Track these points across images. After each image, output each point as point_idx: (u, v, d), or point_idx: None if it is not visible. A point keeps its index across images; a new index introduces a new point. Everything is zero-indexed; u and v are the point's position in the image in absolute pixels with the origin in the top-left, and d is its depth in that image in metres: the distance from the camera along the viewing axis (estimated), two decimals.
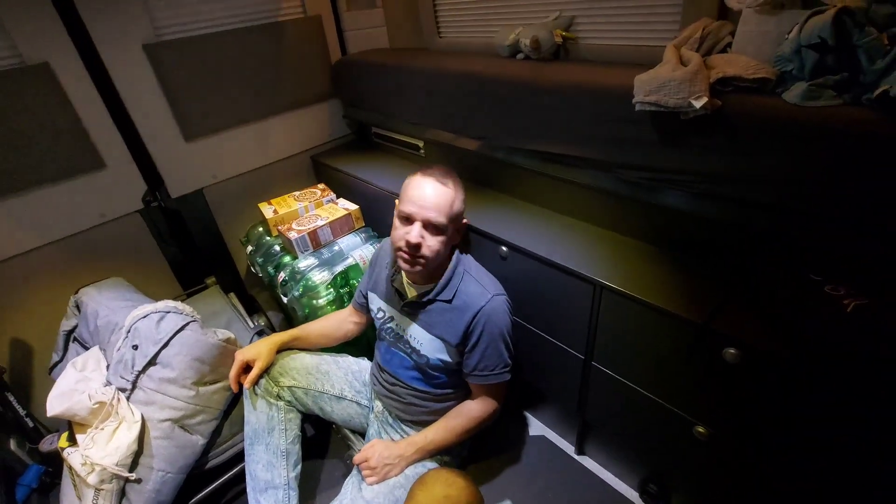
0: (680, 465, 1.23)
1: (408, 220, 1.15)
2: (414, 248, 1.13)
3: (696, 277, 1.10)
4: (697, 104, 0.89)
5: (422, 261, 1.15)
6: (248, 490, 1.31)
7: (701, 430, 1.08)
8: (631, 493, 1.46)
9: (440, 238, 1.15)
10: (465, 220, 1.24)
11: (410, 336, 1.29)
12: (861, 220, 0.84)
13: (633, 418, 1.26)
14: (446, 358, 1.25)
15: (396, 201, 1.25)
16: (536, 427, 1.71)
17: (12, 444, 1.49)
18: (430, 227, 1.13)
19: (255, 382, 1.31)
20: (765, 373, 0.91)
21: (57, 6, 1.45)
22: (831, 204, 0.86)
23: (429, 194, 1.13)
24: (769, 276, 0.98)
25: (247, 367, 1.33)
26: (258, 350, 1.34)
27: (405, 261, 1.16)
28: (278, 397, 1.35)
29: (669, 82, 0.93)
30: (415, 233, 1.12)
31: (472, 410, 1.30)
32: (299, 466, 1.37)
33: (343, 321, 1.52)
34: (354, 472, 1.31)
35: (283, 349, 1.41)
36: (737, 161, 0.95)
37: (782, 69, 0.90)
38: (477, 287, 1.20)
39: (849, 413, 0.83)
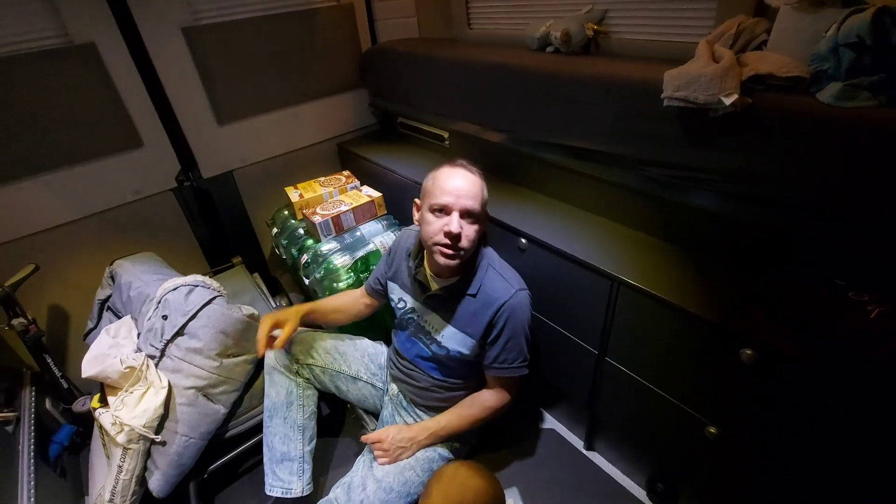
0: (689, 465, 1.22)
1: (442, 211, 1.13)
2: (455, 239, 1.11)
3: (716, 278, 1.09)
4: (727, 101, 0.88)
5: (462, 252, 1.14)
6: (264, 460, 1.37)
7: (712, 430, 1.08)
8: (638, 491, 1.46)
9: (476, 227, 1.15)
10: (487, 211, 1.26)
11: (432, 328, 1.31)
12: (891, 226, 0.82)
13: (644, 416, 1.26)
14: (465, 351, 1.26)
15: (417, 201, 1.26)
16: (547, 420, 1.73)
17: (48, 404, 1.58)
18: (466, 216, 1.13)
19: (283, 346, 1.33)
20: (781, 375, 0.90)
21: None
22: (861, 207, 0.85)
23: (462, 184, 1.13)
24: (792, 279, 0.96)
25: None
26: (287, 314, 1.36)
27: (446, 255, 1.14)
28: (297, 374, 1.39)
29: (700, 78, 0.93)
30: (455, 223, 1.11)
31: (486, 400, 1.32)
32: (314, 442, 1.41)
33: (356, 301, 1.53)
34: (366, 450, 1.35)
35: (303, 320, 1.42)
36: (765, 161, 0.93)
37: (818, 68, 0.89)
38: (501, 281, 1.21)
39: (864, 420, 0.82)
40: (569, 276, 1.27)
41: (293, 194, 1.93)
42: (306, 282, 1.77)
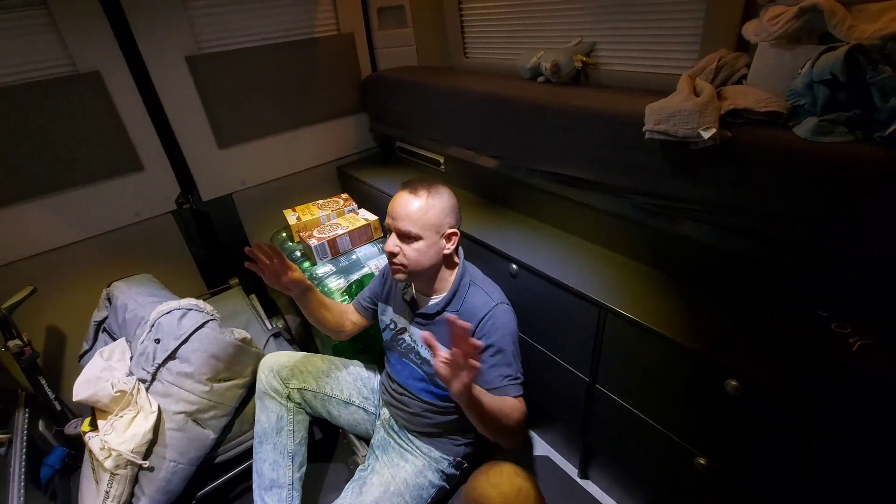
0: (680, 497, 1.20)
1: (389, 231, 1.24)
2: (391, 256, 1.21)
3: (703, 307, 1.09)
4: (706, 135, 0.90)
5: (401, 268, 1.21)
6: (253, 487, 1.36)
7: (702, 461, 1.06)
8: None
9: (415, 246, 1.19)
10: (453, 230, 1.22)
11: (422, 347, 1.31)
12: (869, 259, 0.83)
13: (635, 445, 1.25)
14: None
15: None
16: (541, 447, 1.71)
17: (41, 426, 1.58)
18: (403, 236, 1.19)
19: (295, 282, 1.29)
20: (767, 408, 0.90)
21: (110, 19, 1.57)
22: (840, 240, 0.85)
23: (399, 205, 1.20)
24: (776, 310, 0.96)
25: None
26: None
27: (392, 269, 1.24)
28: (289, 398, 1.39)
29: (680, 112, 0.95)
30: (390, 242, 1.21)
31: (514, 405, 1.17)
32: (304, 468, 1.41)
33: (343, 312, 1.47)
34: (356, 475, 1.33)
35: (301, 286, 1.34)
36: (746, 192, 0.95)
37: (795, 103, 0.91)
38: (482, 296, 1.23)
39: (848, 453, 0.81)
40: (559, 302, 1.27)
41: (291, 217, 1.96)
42: None
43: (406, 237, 1.19)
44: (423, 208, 1.19)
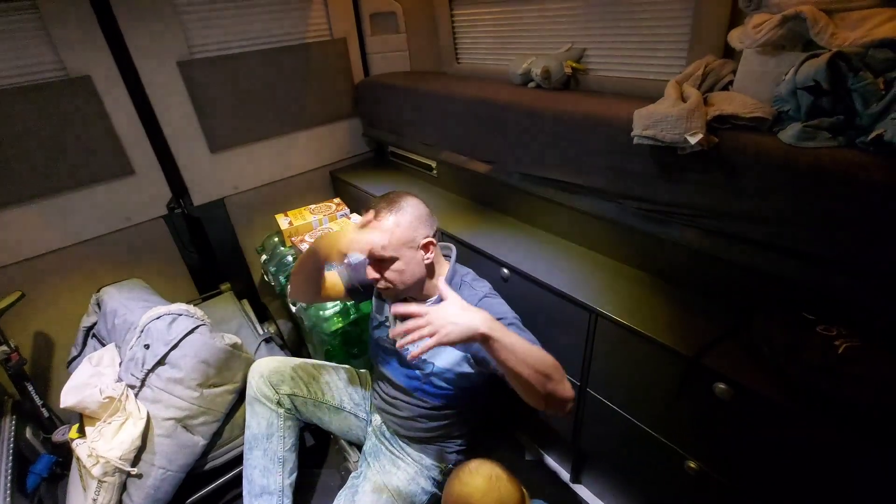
0: (672, 500, 1.20)
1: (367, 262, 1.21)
2: (375, 282, 1.20)
3: (691, 310, 1.10)
4: (693, 140, 0.91)
5: (387, 287, 1.20)
6: (244, 494, 1.34)
7: (692, 465, 1.07)
8: None
9: (394, 267, 1.17)
10: (428, 239, 1.19)
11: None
12: (853, 262, 0.84)
13: (627, 449, 1.25)
14: (456, 367, 1.24)
15: None
16: (533, 451, 1.70)
17: (28, 433, 1.56)
18: (377, 262, 1.17)
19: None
20: (755, 410, 0.90)
21: (101, 24, 1.57)
22: (824, 243, 0.86)
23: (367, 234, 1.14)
24: (763, 313, 0.97)
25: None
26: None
27: (379, 290, 1.23)
28: (279, 404, 1.39)
29: (667, 118, 0.96)
30: (370, 271, 1.19)
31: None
32: (295, 474, 1.39)
33: (331, 281, 1.41)
34: (348, 482, 1.32)
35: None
36: (732, 197, 0.96)
37: (779, 109, 0.92)
38: (469, 290, 1.21)
39: (835, 454, 0.82)
40: (549, 306, 1.28)
41: (283, 221, 1.96)
42: (293, 309, 1.77)
43: (381, 262, 1.17)
44: (390, 228, 1.15)
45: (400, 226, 1.17)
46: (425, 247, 1.21)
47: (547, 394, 0.94)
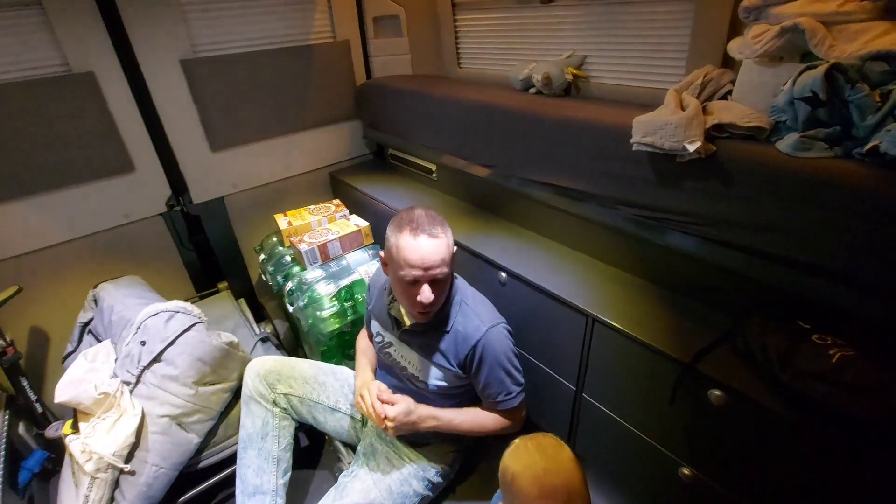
0: None
1: (415, 282, 1.11)
2: (428, 306, 1.12)
3: (688, 317, 1.11)
4: (691, 148, 0.92)
5: (435, 309, 1.17)
6: (236, 493, 1.34)
7: (686, 471, 1.07)
8: None
9: (446, 284, 1.17)
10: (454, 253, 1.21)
11: (409, 363, 1.31)
12: (847, 271, 0.85)
13: (622, 455, 1.25)
14: (443, 383, 1.26)
15: (382, 254, 1.20)
16: None
17: (21, 428, 1.55)
18: (435, 282, 1.12)
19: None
20: (749, 417, 0.91)
21: (105, 21, 1.57)
22: (819, 253, 0.87)
23: (427, 253, 1.08)
24: (758, 320, 0.98)
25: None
26: (365, 378, 1.35)
27: (422, 314, 1.16)
28: (274, 403, 1.38)
29: (666, 125, 0.97)
30: (427, 294, 1.10)
31: (498, 417, 1.27)
32: (289, 474, 1.39)
33: (370, 345, 1.50)
34: (339, 481, 1.32)
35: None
36: (729, 205, 0.97)
37: (777, 119, 0.93)
38: (474, 319, 1.21)
39: (829, 462, 0.82)
40: (547, 311, 1.28)
41: (282, 221, 1.96)
42: (290, 309, 1.77)
43: (439, 283, 1.12)
44: (447, 246, 1.12)
45: (450, 241, 1.14)
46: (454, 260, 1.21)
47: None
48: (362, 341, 1.53)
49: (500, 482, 0.96)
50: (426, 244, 1.08)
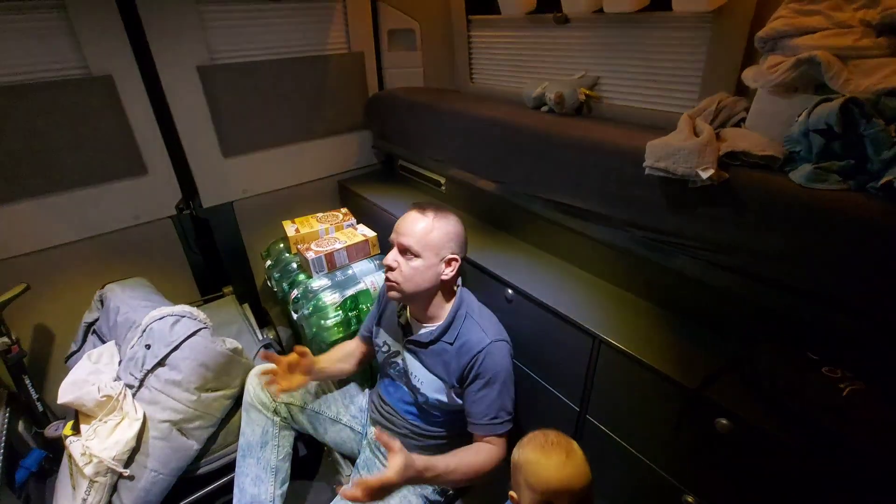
0: None
1: (391, 246, 1.26)
2: (388, 270, 1.23)
3: (696, 343, 1.10)
4: (704, 175, 0.92)
5: (395, 284, 1.22)
6: (234, 501, 1.33)
7: (690, 499, 1.06)
8: None
9: (413, 263, 1.20)
10: (454, 256, 1.25)
11: (412, 374, 1.31)
12: (859, 304, 0.84)
13: (623, 479, 1.24)
14: (444, 399, 1.26)
15: None
16: None
17: (20, 426, 1.55)
18: (403, 251, 1.22)
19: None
20: (756, 448, 0.90)
21: (126, 25, 1.60)
22: (831, 285, 0.87)
23: (406, 222, 1.24)
24: (768, 350, 0.97)
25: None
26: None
27: (389, 287, 1.25)
28: (275, 412, 1.38)
29: (680, 151, 0.97)
30: (390, 255, 1.23)
31: (490, 450, 1.20)
32: (286, 485, 1.38)
33: (355, 349, 1.51)
34: (337, 497, 1.31)
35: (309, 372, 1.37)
36: (740, 233, 0.96)
37: (791, 149, 0.93)
38: (477, 331, 1.22)
39: (836, 498, 0.81)
40: (553, 330, 1.28)
41: (289, 228, 1.96)
42: (295, 316, 1.77)
43: (406, 252, 1.21)
44: (427, 228, 1.22)
45: (437, 230, 1.23)
46: (448, 262, 1.23)
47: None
48: (344, 345, 1.55)
49: (512, 470, 1.01)
50: (410, 215, 1.25)
